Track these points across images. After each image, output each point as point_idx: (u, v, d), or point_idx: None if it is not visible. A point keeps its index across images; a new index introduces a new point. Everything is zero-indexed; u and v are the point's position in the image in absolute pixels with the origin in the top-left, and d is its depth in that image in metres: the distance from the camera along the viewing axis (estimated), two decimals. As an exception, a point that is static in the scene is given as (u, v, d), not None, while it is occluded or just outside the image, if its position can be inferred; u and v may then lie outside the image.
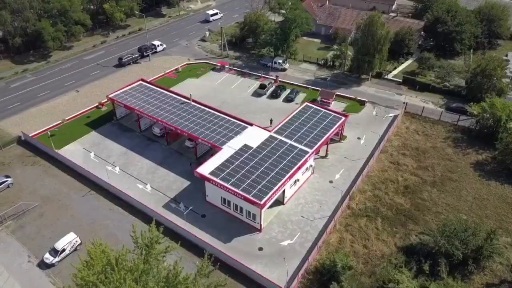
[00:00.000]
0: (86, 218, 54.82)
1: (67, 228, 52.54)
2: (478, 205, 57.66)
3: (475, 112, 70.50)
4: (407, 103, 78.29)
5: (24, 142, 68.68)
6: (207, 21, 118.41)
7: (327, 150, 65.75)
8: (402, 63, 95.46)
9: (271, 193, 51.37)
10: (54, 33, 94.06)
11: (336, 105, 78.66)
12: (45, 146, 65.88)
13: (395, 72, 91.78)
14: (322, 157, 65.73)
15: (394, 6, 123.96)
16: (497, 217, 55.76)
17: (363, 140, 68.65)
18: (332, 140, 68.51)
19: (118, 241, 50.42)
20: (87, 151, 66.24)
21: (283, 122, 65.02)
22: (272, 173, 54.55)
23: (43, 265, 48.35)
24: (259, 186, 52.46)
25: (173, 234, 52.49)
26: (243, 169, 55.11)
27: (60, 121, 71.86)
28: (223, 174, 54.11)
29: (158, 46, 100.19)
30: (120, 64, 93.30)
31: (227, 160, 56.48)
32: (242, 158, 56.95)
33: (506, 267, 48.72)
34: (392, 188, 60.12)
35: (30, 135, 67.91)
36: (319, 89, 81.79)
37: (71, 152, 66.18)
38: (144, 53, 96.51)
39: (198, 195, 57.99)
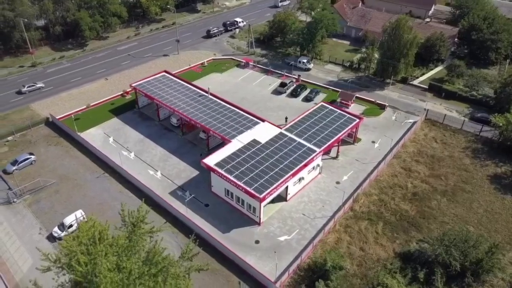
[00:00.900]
0: (96, 198, 57.80)
1: (78, 205, 55.69)
2: (488, 218, 55.59)
3: (500, 123, 67.78)
4: (428, 109, 76.34)
5: (51, 124, 73.12)
6: (275, 6, 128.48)
7: (338, 151, 65.49)
8: (431, 69, 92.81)
9: (271, 188, 52.04)
10: (91, 23, 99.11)
11: (356, 108, 78.02)
12: (69, 129, 69.85)
13: (422, 78, 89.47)
14: (333, 158, 65.53)
15: (431, 11, 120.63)
16: (507, 232, 53.53)
17: (377, 144, 67.81)
18: (345, 142, 68.29)
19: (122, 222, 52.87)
20: (107, 136, 69.62)
21: (296, 120, 65.43)
22: (276, 169, 55.18)
23: (51, 237, 51.57)
24: (261, 181, 53.27)
25: (175, 220, 54.67)
26: (248, 163, 56.10)
27: (85, 106, 75.80)
28: (227, 166, 55.36)
29: (240, 22, 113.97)
30: (208, 35, 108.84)
31: (234, 153, 57.67)
32: (248, 152, 57.96)
33: (508, 283, 46.81)
34: (399, 194, 59.07)
35: (57, 117, 72.19)
36: (340, 90, 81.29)
37: (92, 135, 69.77)
38: (228, 28, 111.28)
39: (205, 185, 59.56)
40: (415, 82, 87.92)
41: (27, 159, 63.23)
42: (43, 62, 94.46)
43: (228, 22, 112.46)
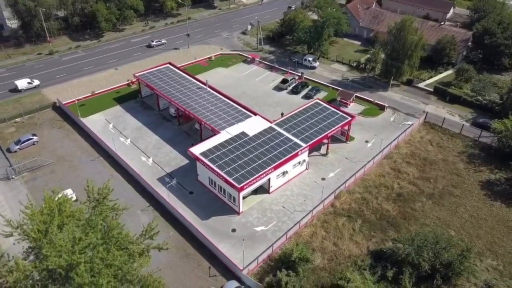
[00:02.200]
0: (86, 178, 60.29)
1: (70, 185, 58.43)
2: (472, 224, 54.53)
3: (500, 128, 66.07)
4: (427, 112, 75.20)
5: (57, 108, 76.79)
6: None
7: (327, 148, 65.70)
8: (440, 73, 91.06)
9: (251, 179, 53.06)
10: (108, 15, 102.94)
11: (355, 107, 77.84)
12: (72, 113, 73.19)
13: (429, 81, 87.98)
14: (323, 155, 65.79)
15: (449, 14, 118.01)
16: (490, 239, 52.38)
17: (370, 144, 67.63)
18: (338, 140, 68.44)
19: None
20: (107, 122, 72.53)
21: (287, 115, 66.12)
22: (259, 161, 56.13)
23: (40, 213, 54.51)
24: (243, 171, 54.38)
25: (158, 204, 56.61)
26: (232, 154, 57.31)
27: (90, 93, 79.09)
28: (212, 156, 56.77)
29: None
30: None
31: (220, 144, 59.02)
32: (235, 144, 59.15)
33: (480, 289, 46.03)
34: (384, 193, 58.77)
35: (63, 102, 75.72)
36: (340, 89, 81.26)
37: (94, 121, 72.82)
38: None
39: (192, 173, 61.14)
40: (421, 84, 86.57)
41: (30, 139, 66.84)
42: (59, 50, 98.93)
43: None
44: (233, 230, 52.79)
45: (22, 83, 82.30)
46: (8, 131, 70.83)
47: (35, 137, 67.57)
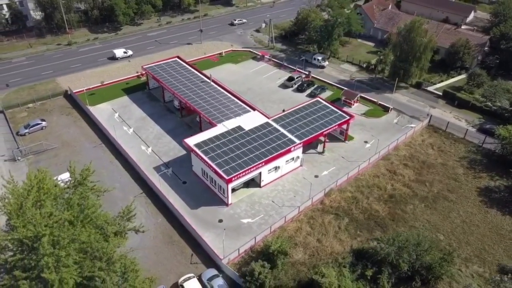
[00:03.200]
0: (87, 163, 62.35)
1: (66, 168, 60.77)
2: (463, 229, 53.42)
3: (505, 135, 64.30)
4: (431, 115, 73.91)
5: (68, 96, 79.94)
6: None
7: (324, 147, 65.69)
8: (453, 77, 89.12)
9: (240, 171, 53.84)
10: (125, 10, 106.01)
11: (359, 108, 77.40)
12: (81, 102, 75.99)
13: (440, 85, 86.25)
14: (319, 153, 65.83)
15: (470, 18, 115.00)
16: (479, 245, 51.19)
17: (369, 145, 67.14)
18: (336, 139, 68.37)
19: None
20: (113, 111, 74.91)
21: (286, 112, 66.55)
22: (251, 155, 56.85)
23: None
24: (233, 164, 55.24)
25: (150, 192, 58.23)
26: (226, 146, 58.25)
27: (99, 83, 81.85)
28: (205, 147, 57.89)
29: None
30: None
31: (215, 136, 60.04)
32: (229, 137, 60.07)
33: (461, 295, 45.20)
34: (376, 194, 58.33)
35: (74, 91, 78.71)
36: (344, 89, 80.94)
37: (101, 110, 75.37)
38: None
39: (188, 164, 62.46)
40: (431, 88, 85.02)
41: (38, 124, 69.95)
42: (78, 42, 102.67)
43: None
44: (220, 221, 53.69)
45: (119, 52, 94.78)
46: (20, 116, 74.30)
47: (43, 122, 70.65)
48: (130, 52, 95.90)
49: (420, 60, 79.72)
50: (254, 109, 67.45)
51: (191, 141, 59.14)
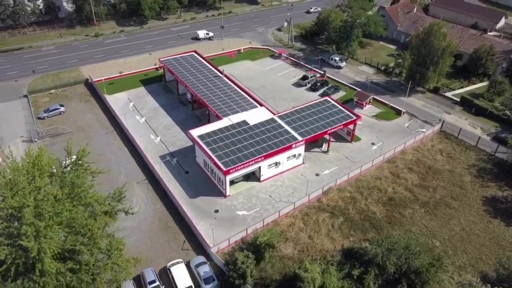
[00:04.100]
0: (98, 149, 65.45)
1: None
2: (462, 237, 52.15)
3: (519, 144, 62.33)
4: (444, 120, 72.20)
5: (88, 84, 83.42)
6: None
7: (328, 146, 65.59)
8: (474, 83, 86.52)
9: (238, 164, 54.78)
10: (151, 4, 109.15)
11: (371, 109, 76.69)
12: (99, 90, 79.19)
13: (460, 91, 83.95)
14: (324, 152, 65.79)
15: (500, 25, 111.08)
16: (476, 255, 49.86)
17: (376, 147, 66.45)
18: (343, 139, 68.18)
19: (111, 172, 60.11)
20: (129, 101, 77.66)
21: (293, 109, 66.94)
22: (252, 149, 57.65)
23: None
24: (233, 156, 56.24)
25: (153, 179, 60.14)
26: (228, 139, 59.34)
27: (118, 74, 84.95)
28: (208, 139, 59.19)
29: None
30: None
31: (219, 129, 61.23)
32: (233, 131, 61.11)
33: (449, 303, 44.28)
34: (375, 196, 57.79)
35: (94, 80, 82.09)
36: (357, 90, 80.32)
37: (117, 99, 78.29)
38: None
39: (193, 155, 64.02)
40: (449, 94, 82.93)
41: (57, 109, 73.55)
42: (104, 34, 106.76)
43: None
44: (216, 211, 54.81)
45: (201, 33, 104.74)
46: (42, 100, 78.28)
47: (62, 108, 74.19)
48: (211, 34, 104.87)
49: (437, 65, 77.93)
50: (261, 105, 68.17)
51: (195, 132, 60.59)
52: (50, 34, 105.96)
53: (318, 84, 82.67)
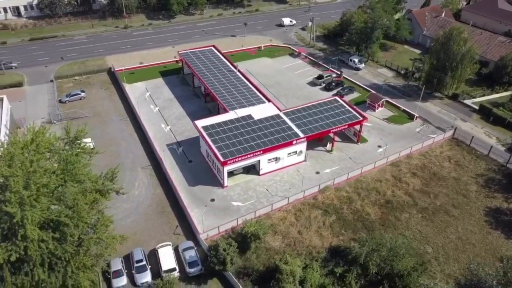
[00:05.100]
0: (110, 134, 68.75)
1: (94, 136, 66.97)
2: (456, 246, 50.93)
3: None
4: (456, 127, 70.23)
5: (111, 73, 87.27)
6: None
7: (332, 145, 65.55)
8: (497, 92, 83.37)
9: (236, 156, 56.02)
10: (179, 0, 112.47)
11: (383, 112, 75.81)
12: (120, 79, 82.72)
13: (481, 99, 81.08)
14: (328, 151, 65.83)
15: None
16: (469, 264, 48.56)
17: (382, 150, 65.74)
18: (349, 140, 67.97)
19: (119, 156, 63.14)
20: (146, 90, 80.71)
21: (300, 106, 67.40)
22: (252, 143, 58.72)
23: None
24: (232, 148, 57.54)
25: (157, 165, 62.45)
26: (231, 132, 60.70)
27: (138, 64, 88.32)
28: (211, 130, 60.80)
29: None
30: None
31: (224, 122, 62.70)
32: (237, 124, 62.40)
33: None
34: (373, 198, 57.33)
35: (116, 69, 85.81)
36: (371, 92, 79.48)
37: (136, 88, 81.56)
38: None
39: (198, 145, 65.88)
40: (468, 101, 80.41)
41: (78, 94, 77.65)
42: (133, 26, 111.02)
43: None
44: (212, 200, 56.29)
45: (286, 21, 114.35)
46: (66, 86, 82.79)
47: (83, 93, 78.21)
48: (294, 22, 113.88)
49: (456, 70, 75.76)
50: (269, 101, 69.04)
51: (200, 123, 62.37)
52: (83, 24, 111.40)
53: (333, 84, 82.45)
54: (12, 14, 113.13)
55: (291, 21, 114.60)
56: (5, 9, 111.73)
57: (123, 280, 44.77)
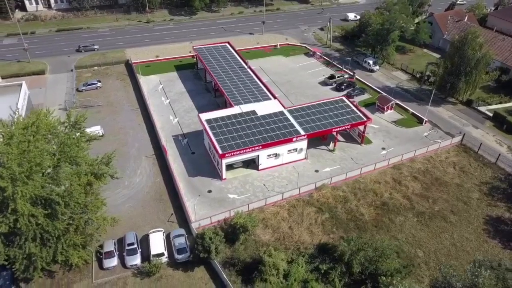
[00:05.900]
0: (120, 122, 71.28)
1: (104, 124, 69.70)
2: (449, 252, 50.13)
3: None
4: (464, 134, 68.67)
5: (128, 65, 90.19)
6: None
7: (335, 145, 65.55)
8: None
9: (235, 150, 57.08)
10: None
11: (392, 115, 75.08)
12: (135, 71, 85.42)
13: (496, 106, 78.89)
14: (330, 151, 65.88)
15: None
16: (460, 272, 47.53)
17: (385, 152, 65.22)
18: (353, 140, 67.79)
19: (126, 144, 65.43)
20: (159, 83, 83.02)
21: (304, 104, 67.76)
22: (252, 138, 59.64)
23: (73, 139, 66.73)
24: (232, 142, 58.65)
25: (160, 154, 64.37)
26: (233, 126, 61.82)
27: (154, 57, 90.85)
28: (214, 124, 62.13)
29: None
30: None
31: (227, 116, 63.90)
32: (240, 119, 63.44)
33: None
34: (369, 199, 57.06)
35: (133, 62, 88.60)
36: (380, 94, 78.75)
37: (150, 80, 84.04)
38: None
39: (202, 138, 67.37)
40: (482, 108, 78.33)
41: (94, 84, 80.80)
42: (155, 21, 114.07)
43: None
44: (209, 191, 57.57)
45: (351, 15, 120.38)
46: (85, 75, 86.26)
47: (99, 83, 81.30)
48: (358, 16, 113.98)
49: (470, 76, 74.03)
50: (275, 98, 69.71)
51: (204, 116, 63.80)
52: (108, 17, 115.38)
53: (344, 84, 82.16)
54: (43, 6, 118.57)
55: (355, 16, 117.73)
56: (36, 1, 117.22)
57: (114, 261, 46.65)
